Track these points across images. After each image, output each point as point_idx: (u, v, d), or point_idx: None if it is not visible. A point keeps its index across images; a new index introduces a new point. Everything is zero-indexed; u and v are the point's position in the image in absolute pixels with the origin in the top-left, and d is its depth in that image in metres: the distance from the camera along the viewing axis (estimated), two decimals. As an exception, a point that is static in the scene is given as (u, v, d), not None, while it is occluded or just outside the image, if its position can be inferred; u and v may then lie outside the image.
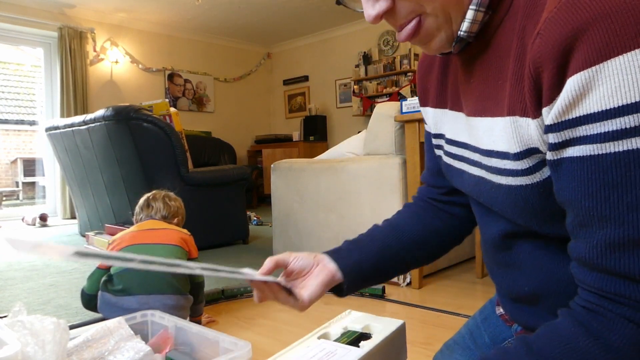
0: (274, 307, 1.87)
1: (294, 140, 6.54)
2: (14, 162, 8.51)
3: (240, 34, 6.78)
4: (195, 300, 1.56)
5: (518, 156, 0.52)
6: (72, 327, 0.97)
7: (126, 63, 5.93)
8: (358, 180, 2.26)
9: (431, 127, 0.74)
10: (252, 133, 7.25)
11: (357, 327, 0.62)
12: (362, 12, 0.56)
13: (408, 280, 2.14)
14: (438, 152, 0.74)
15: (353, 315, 0.66)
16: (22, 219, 4.92)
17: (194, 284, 1.58)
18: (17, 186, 8.44)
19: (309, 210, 2.50)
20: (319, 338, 0.62)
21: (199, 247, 1.67)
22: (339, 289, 0.73)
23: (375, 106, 3.23)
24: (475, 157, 0.61)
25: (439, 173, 0.79)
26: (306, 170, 2.51)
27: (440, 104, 0.70)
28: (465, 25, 0.53)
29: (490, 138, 0.56)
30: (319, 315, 1.77)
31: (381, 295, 1.99)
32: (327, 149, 3.57)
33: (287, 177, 2.62)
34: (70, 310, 1.89)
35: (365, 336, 0.60)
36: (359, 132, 4.91)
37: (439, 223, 0.79)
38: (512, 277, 0.65)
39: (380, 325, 0.61)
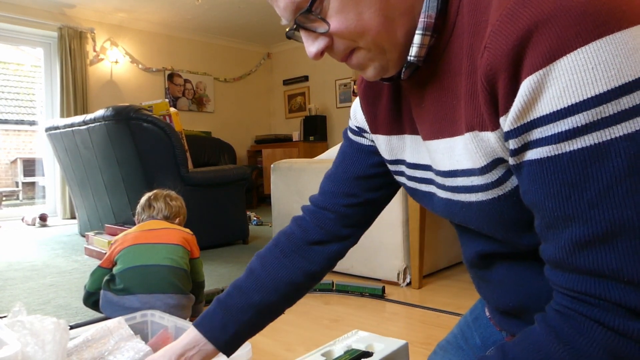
0: (274, 307, 1.87)
1: (294, 140, 6.54)
2: (14, 162, 8.51)
3: (240, 34, 6.78)
4: (195, 300, 1.56)
5: (485, 170, 0.52)
6: (72, 327, 0.97)
7: (126, 63, 5.93)
8: (358, 180, 2.25)
9: (385, 153, 0.73)
10: (252, 133, 7.25)
11: (361, 346, 0.63)
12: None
13: (408, 280, 2.14)
14: (399, 178, 0.73)
15: (359, 335, 0.67)
16: (22, 219, 4.92)
17: (194, 283, 1.58)
18: (17, 186, 8.44)
19: (309, 210, 2.50)
20: (322, 355, 0.62)
21: (198, 247, 1.67)
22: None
23: (375, 106, 3.22)
24: (439, 180, 0.61)
25: (360, 180, 0.77)
26: (306, 170, 2.51)
27: (395, 130, 0.70)
28: (414, 50, 0.55)
29: (451, 159, 0.56)
30: (319, 315, 1.77)
31: (381, 295, 1.99)
32: (327, 149, 3.57)
33: (287, 177, 2.62)
34: (70, 310, 1.89)
35: (366, 354, 0.61)
36: (359, 132, 4.89)
37: (301, 277, 0.79)
38: (496, 293, 0.65)
39: (383, 345, 0.62)
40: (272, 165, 2.71)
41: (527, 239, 0.55)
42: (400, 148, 0.70)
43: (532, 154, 0.44)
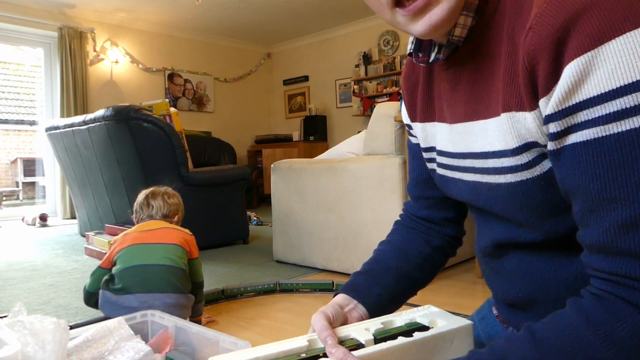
0: (274, 307, 1.87)
1: (294, 140, 6.54)
2: (14, 162, 8.51)
3: (240, 34, 6.78)
4: (195, 299, 1.56)
5: (516, 151, 0.52)
6: (72, 327, 0.97)
7: (126, 63, 5.93)
8: (358, 180, 2.26)
9: (421, 141, 0.75)
10: (252, 133, 7.25)
11: (424, 321, 0.62)
12: None
13: (408, 280, 2.14)
14: (431, 165, 0.74)
15: (429, 310, 0.66)
16: (22, 219, 4.92)
17: (193, 284, 1.58)
18: (17, 186, 8.44)
19: (309, 210, 2.50)
20: (382, 323, 0.62)
21: (198, 247, 1.67)
22: None
23: (375, 106, 3.24)
24: (467, 163, 0.62)
25: (423, 183, 0.80)
26: (306, 170, 2.51)
27: (428, 117, 0.71)
28: (457, 30, 0.55)
29: (484, 140, 0.57)
30: (319, 315, 1.77)
31: (381, 295, 1.99)
32: (327, 149, 3.57)
33: (287, 177, 2.62)
34: (70, 310, 1.89)
35: (425, 329, 0.60)
36: (359, 132, 4.90)
37: (428, 249, 0.80)
38: (506, 284, 0.66)
39: (445, 322, 0.61)
40: (272, 165, 2.71)
41: (549, 225, 0.55)
42: (432, 135, 0.71)
43: (576, 137, 0.44)
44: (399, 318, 0.64)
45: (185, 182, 2.99)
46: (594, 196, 0.44)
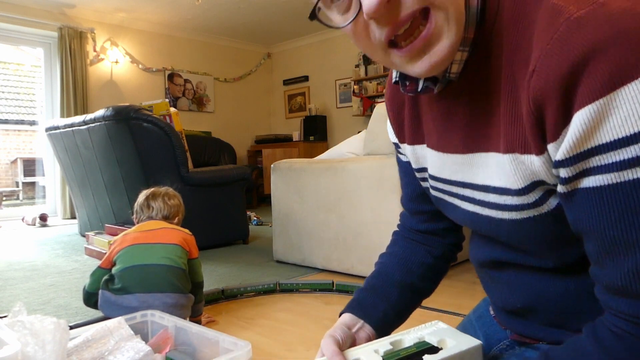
0: (274, 307, 1.87)
1: (294, 140, 6.54)
2: (14, 162, 8.51)
3: (240, 34, 6.78)
4: (195, 300, 1.56)
5: (522, 192, 0.51)
6: (72, 327, 0.97)
7: (126, 63, 5.93)
8: (358, 180, 2.26)
9: (412, 161, 0.74)
10: (252, 133, 7.25)
11: (433, 340, 0.63)
12: (337, 27, 0.52)
13: (408, 280, 2.14)
14: (425, 184, 0.73)
15: (437, 327, 0.66)
16: (22, 219, 4.92)
17: (193, 284, 1.58)
18: (17, 186, 8.44)
19: (309, 210, 2.50)
20: (390, 343, 0.62)
21: (198, 247, 1.67)
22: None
23: (375, 106, 3.23)
24: (466, 192, 0.60)
25: (418, 198, 0.78)
26: (306, 170, 2.51)
27: (417, 140, 0.70)
28: (454, 67, 0.53)
29: (484, 173, 0.56)
30: (319, 315, 1.77)
31: (381, 295, 1.99)
32: (327, 149, 3.57)
33: (287, 177, 2.62)
34: (70, 310, 1.89)
35: (434, 350, 0.60)
36: (359, 132, 4.90)
37: (430, 259, 0.80)
38: (504, 293, 0.65)
39: (455, 342, 0.61)
40: (272, 165, 2.71)
41: (558, 255, 0.54)
42: (423, 157, 0.70)
43: (588, 182, 0.43)
44: (408, 337, 0.63)
45: (185, 182, 2.99)
46: (610, 240, 0.43)
